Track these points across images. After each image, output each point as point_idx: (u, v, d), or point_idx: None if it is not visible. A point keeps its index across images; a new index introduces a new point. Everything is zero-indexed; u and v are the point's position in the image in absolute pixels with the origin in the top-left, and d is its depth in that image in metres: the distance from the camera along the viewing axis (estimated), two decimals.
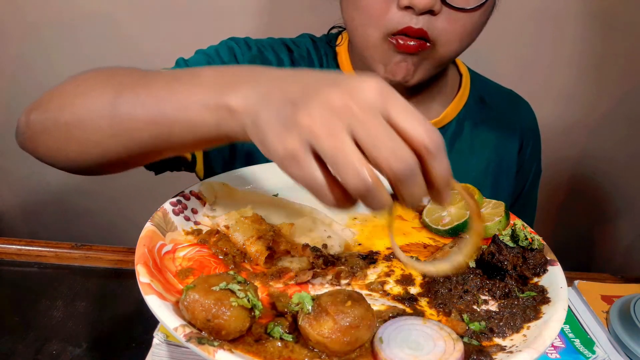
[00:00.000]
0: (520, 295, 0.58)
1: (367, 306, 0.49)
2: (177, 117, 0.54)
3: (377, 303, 0.57)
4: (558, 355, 0.66)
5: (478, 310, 0.57)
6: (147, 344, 0.59)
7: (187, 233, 0.64)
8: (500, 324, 0.54)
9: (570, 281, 0.80)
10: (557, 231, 1.72)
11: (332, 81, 0.45)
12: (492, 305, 0.58)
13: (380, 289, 0.59)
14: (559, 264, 0.63)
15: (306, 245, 0.63)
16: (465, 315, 0.55)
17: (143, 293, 0.49)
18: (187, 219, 0.66)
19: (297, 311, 0.49)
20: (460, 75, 0.98)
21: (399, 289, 0.60)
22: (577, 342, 0.69)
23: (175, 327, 0.46)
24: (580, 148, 1.62)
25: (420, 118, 0.43)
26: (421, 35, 0.73)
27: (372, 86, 0.43)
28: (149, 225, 0.60)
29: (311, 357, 0.47)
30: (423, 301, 0.58)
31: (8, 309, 0.74)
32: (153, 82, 0.58)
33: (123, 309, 0.75)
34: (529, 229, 0.64)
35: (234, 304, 0.46)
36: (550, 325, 0.52)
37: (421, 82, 0.81)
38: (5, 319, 0.72)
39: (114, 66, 0.65)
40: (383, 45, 0.76)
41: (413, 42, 0.74)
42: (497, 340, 0.53)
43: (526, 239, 0.62)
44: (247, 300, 0.47)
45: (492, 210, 0.72)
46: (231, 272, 0.51)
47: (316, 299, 0.49)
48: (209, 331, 0.46)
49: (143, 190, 0.94)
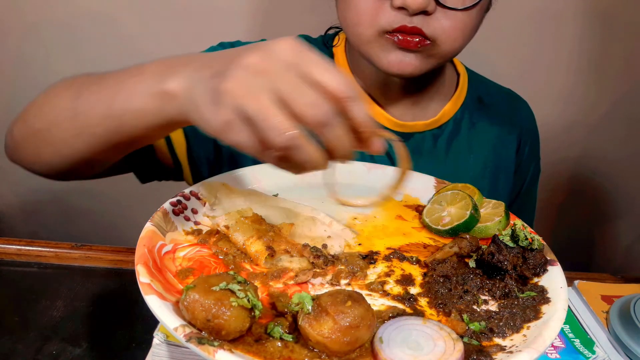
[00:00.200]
0: (520, 295, 0.58)
1: (367, 306, 0.49)
2: (125, 107, 0.58)
3: (377, 303, 0.57)
4: (558, 355, 0.66)
5: (478, 310, 0.57)
6: (147, 344, 0.59)
7: (187, 233, 0.64)
8: (500, 324, 0.54)
9: (570, 281, 0.80)
10: (557, 231, 1.72)
11: (251, 47, 0.48)
12: (492, 305, 0.58)
13: (380, 289, 0.59)
14: (558, 264, 0.63)
15: (306, 245, 0.63)
16: (465, 315, 0.55)
17: (143, 293, 0.49)
18: (187, 219, 0.66)
19: (297, 311, 0.49)
20: (457, 74, 0.98)
21: (399, 289, 0.60)
22: (577, 342, 0.69)
23: (175, 327, 0.46)
24: (580, 148, 1.62)
25: (334, 70, 0.46)
26: (417, 33, 0.73)
27: (287, 45, 0.46)
28: (149, 225, 0.60)
29: (311, 357, 0.47)
30: (423, 301, 0.58)
31: (8, 309, 0.74)
32: (106, 80, 0.62)
33: (123, 309, 0.75)
34: (529, 229, 0.64)
35: (234, 304, 0.46)
36: (550, 325, 0.52)
37: (419, 80, 0.80)
38: (5, 319, 0.72)
39: (81, 73, 0.69)
40: (380, 40, 0.76)
41: (417, 39, 0.74)
42: (497, 340, 0.53)
43: (526, 239, 0.62)
44: (247, 300, 0.47)
45: (492, 210, 0.72)
46: (231, 272, 0.51)
47: (316, 299, 0.49)
48: (209, 331, 0.46)
49: (143, 190, 0.94)
